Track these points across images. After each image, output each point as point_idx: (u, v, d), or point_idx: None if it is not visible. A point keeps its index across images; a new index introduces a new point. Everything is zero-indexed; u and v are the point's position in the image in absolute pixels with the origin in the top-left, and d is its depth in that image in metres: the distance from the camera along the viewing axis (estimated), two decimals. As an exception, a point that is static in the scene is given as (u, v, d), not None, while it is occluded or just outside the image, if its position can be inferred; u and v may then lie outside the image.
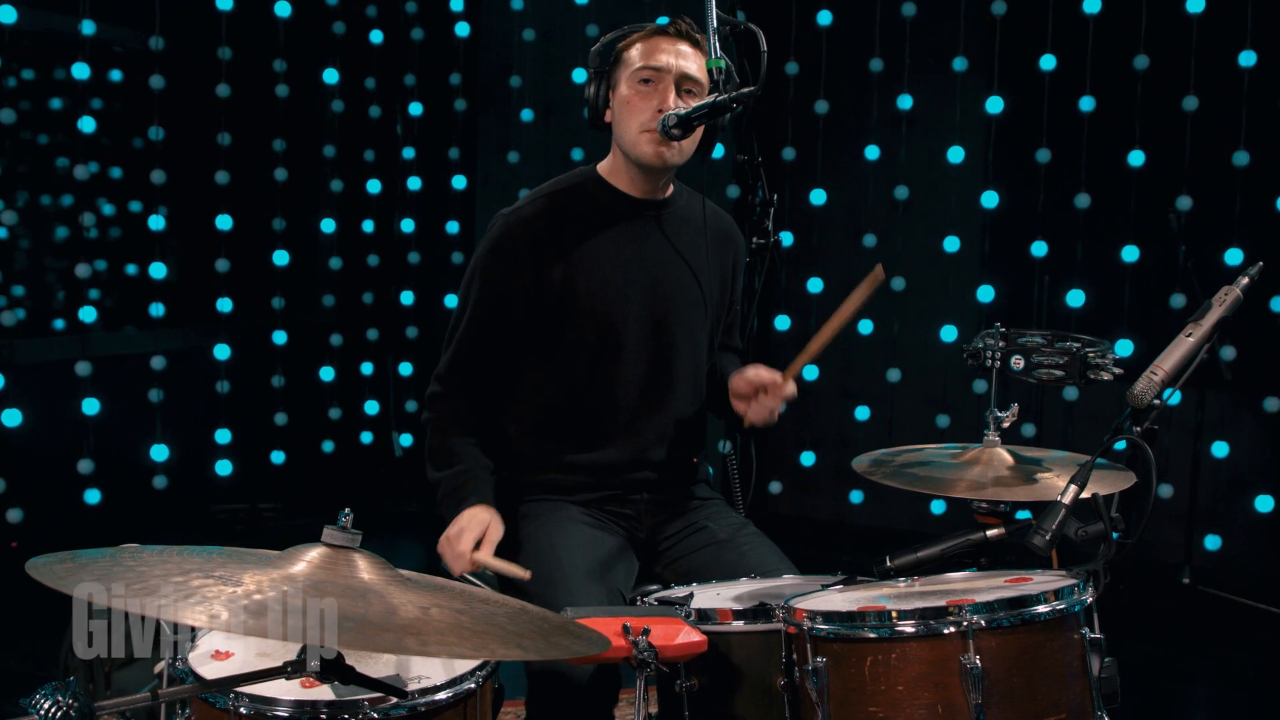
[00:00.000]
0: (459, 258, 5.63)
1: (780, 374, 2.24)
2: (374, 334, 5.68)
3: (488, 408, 2.31)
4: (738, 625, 1.87)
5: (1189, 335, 1.89)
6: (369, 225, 5.60)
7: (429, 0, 5.57)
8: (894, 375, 5.00)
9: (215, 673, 1.62)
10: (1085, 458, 2.02)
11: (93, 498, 4.57)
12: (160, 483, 4.84)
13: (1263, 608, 4.21)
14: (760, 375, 2.24)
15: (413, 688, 1.59)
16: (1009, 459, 2.06)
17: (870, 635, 1.67)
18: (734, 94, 2.07)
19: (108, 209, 4.99)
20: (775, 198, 2.33)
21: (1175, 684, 3.78)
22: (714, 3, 2.13)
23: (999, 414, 2.08)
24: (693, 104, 2.19)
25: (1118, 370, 2.02)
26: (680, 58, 2.21)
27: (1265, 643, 4.09)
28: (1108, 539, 1.73)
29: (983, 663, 1.62)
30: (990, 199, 4.86)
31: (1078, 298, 4.72)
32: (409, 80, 5.58)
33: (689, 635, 1.73)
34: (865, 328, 5.01)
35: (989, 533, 1.92)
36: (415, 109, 5.57)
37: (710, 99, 2.10)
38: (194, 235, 5.07)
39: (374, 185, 5.57)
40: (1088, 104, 4.69)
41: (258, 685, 1.45)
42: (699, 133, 2.22)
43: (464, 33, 5.55)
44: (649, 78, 2.20)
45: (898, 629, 1.67)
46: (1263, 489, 4.59)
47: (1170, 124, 4.57)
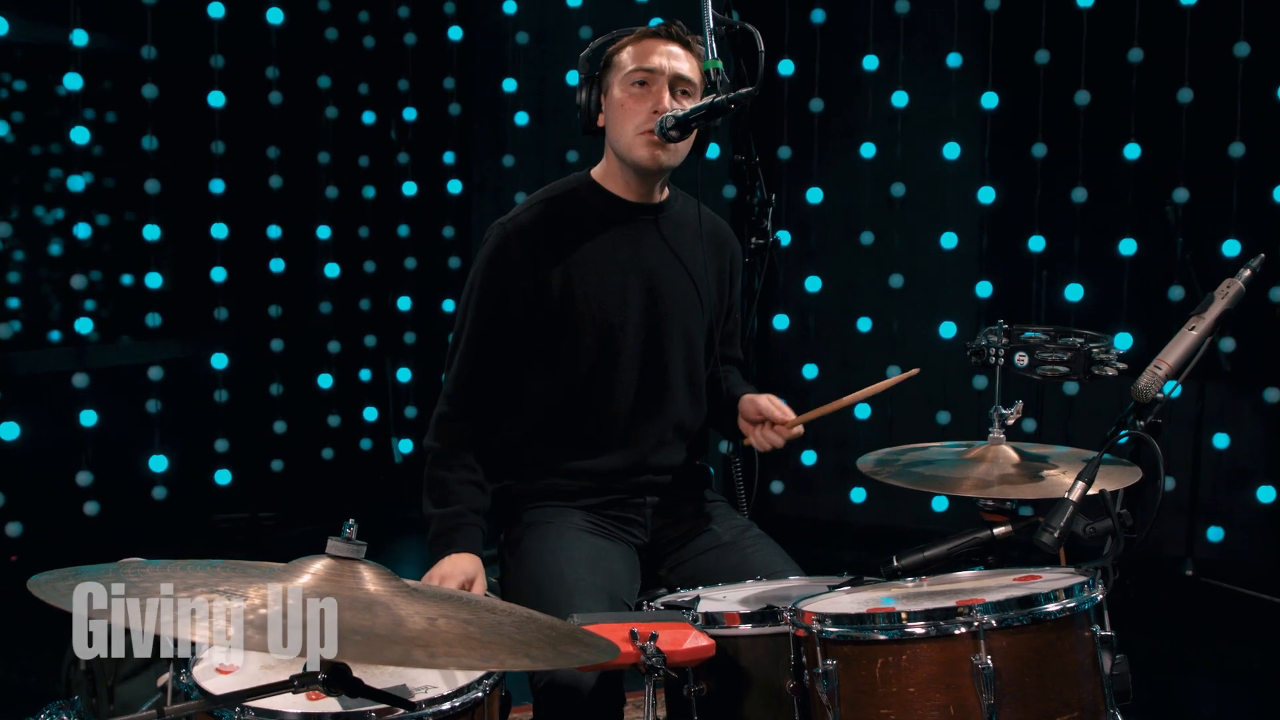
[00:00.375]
0: (456, 262, 5.62)
1: (792, 414, 2.25)
2: (372, 340, 5.67)
3: (492, 421, 2.29)
4: (745, 629, 1.86)
5: (1192, 329, 1.89)
6: (365, 231, 5.60)
7: (422, 5, 5.57)
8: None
9: (220, 687, 1.61)
10: (1088, 453, 2.01)
11: (92, 509, 4.55)
12: (160, 493, 4.83)
13: (1265, 598, 4.20)
14: (772, 412, 2.25)
15: (419, 698, 1.58)
16: (1015, 456, 2.04)
17: (880, 637, 1.66)
18: (732, 95, 2.06)
19: (102, 219, 4.98)
20: (774, 197, 2.31)
21: (1178, 676, 3.77)
22: (710, 3, 2.12)
23: (1004, 411, 2.07)
24: (687, 105, 2.19)
25: (1122, 366, 2.01)
26: (673, 59, 2.20)
27: (1268, 634, 4.08)
28: (1116, 535, 1.72)
29: (994, 662, 1.61)
30: (987, 194, 4.86)
31: (1076, 292, 4.71)
32: (403, 85, 5.58)
33: (697, 640, 1.72)
34: (864, 325, 4.99)
35: (996, 531, 1.91)
36: (409, 114, 5.57)
37: (708, 100, 2.09)
38: (190, 244, 5.06)
39: (369, 191, 5.57)
40: (1083, 98, 4.70)
41: (264, 699, 1.44)
42: (694, 134, 2.21)
43: (457, 37, 5.54)
44: (643, 79, 2.19)
45: (908, 630, 1.65)
46: (1264, 480, 4.60)
47: (1166, 117, 4.58)
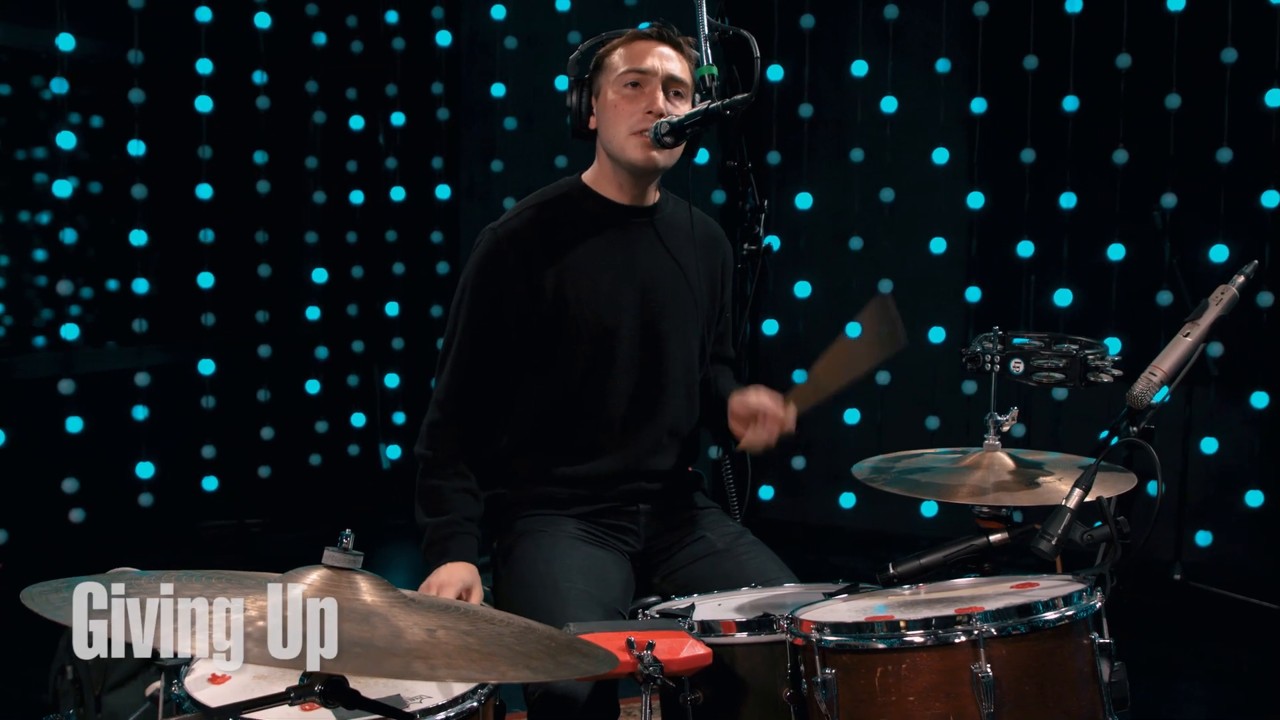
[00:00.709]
0: (444, 268, 5.60)
1: (781, 399, 2.22)
2: (359, 346, 5.65)
3: (484, 429, 2.28)
4: (741, 637, 1.85)
5: (1186, 335, 1.88)
6: (353, 236, 5.58)
7: (410, 9, 5.54)
8: (883, 378, 4.99)
9: (213, 698, 1.60)
10: (1082, 459, 2.01)
11: (78, 516, 4.52)
12: (146, 500, 4.80)
13: (1254, 602, 4.22)
14: (762, 402, 2.22)
15: (414, 708, 1.57)
16: (1010, 463, 2.04)
17: (879, 646, 1.66)
18: (729, 101, 2.05)
19: (88, 224, 4.94)
20: (766, 203, 2.31)
21: (1167, 679, 3.77)
22: (704, 9, 2.12)
23: (999, 417, 2.06)
24: (680, 106, 2.19)
25: (1117, 372, 2.01)
26: (665, 60, 2.20)
27: (1256, 637, 4.10)
28: (1113, 542, 1.72)
29: (994, 671, 1.61)
30: (976, 200, 4.87)
31: (1065, 297, 4.73)
32: (391, 90, 5.56)
33: (694, 649, 1.71)
34: (854, 331, 4.98)
35: (992, 538, 1.91)
36: (398, 119, 5.54)
37: (703, 106, 2.09)
38: (176, 250, 5.02)
39: (357, 196, 5.54)
40: (1071, 103, 4.72)
41: (260, 712, 1.42)
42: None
43: (445, 41, 5.53)
44: (636, 80, 2.19)
45: (907, 639, 1.65)
46: (1252, 484, 4.61)
47: (1153, 122, 4.60)
